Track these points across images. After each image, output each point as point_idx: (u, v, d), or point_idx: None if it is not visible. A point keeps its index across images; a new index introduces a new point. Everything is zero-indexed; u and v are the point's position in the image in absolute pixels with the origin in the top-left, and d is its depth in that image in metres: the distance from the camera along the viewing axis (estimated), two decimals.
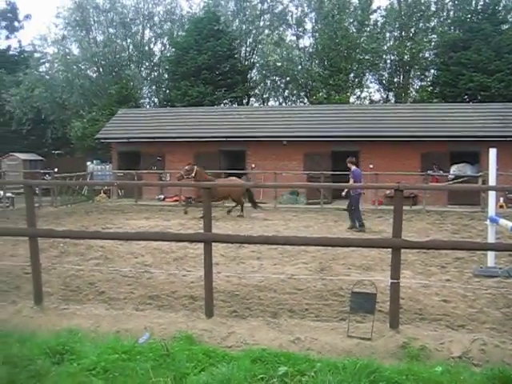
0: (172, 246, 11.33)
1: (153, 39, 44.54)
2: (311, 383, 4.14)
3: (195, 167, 18.02)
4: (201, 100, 35.22)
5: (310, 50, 41.78)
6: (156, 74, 44.37)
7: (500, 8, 37.30)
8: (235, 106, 38.37)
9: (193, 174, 17.65)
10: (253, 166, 25.84)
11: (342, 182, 17.99)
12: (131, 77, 39.49)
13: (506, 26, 36.50)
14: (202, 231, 6.30)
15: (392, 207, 5.76)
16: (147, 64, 44.41)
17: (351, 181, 15.18)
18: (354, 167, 15.43)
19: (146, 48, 43.72)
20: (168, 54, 42.33)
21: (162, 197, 25.84)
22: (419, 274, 8.91)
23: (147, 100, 45.65)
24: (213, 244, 6.33)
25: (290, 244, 8.39)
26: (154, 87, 44.54)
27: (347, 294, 7.08)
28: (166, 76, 42.22)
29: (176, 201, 24.04)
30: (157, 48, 44.71)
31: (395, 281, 5.41)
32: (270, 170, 23.99)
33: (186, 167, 18.13)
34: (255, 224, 16.29)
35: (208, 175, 18.75)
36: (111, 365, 4.53)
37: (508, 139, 22.21)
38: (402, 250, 9.28)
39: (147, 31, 44.00)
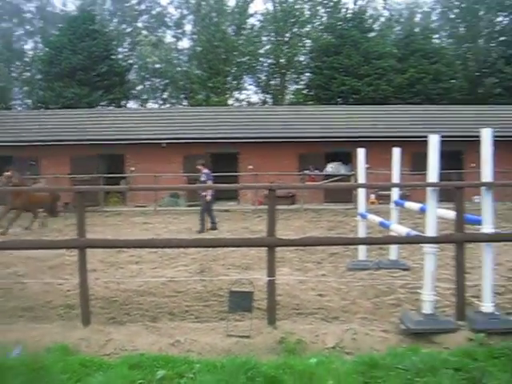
0: (47, 254, 10.83)
1: (24, 37, 42.38)
2: None
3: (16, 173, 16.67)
4: (77, 102, 34.01)
5: (189, 52, 41.81)
6: (29, 74, 42.22)
7: (366, 17, 39.57)
8: (113, 108, 37.49)
9: (16, 180, 15.91)
10: (132, 169, 25.36)
11: (223, 183, 18.20)
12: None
13: (373, 34, 38.74)
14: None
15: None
16: (18, 63, 42.14)
17: (209, 182, 15.42)
18: (206, 170, 15.64)
19: (17, 46, 41.47)
20: (41, 54, 40.42)
21: None
22: (297, 271, 9.20)
23: (19, 102, 43.35)
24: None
25: (170, 247, 8.37)
26: (26, 88, 42.35)
27: (227, 294, 7.15)
28: (40, 76, 40.32)
29: None
30: (29, 46, 42.61)
31: (271, 278, 5.55)
32: (149, 172, 23.64)
33: (7, 173, 16.39)
34: (135, 228, 16.04)
35: (24, 180, 17.40)
36: None
37: (377, 139, 23.58)
38: (280, 248, 9.59)
39: (17, 28, 41.77)
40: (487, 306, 5.72)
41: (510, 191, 23.18)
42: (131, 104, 43.12)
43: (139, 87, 43.33)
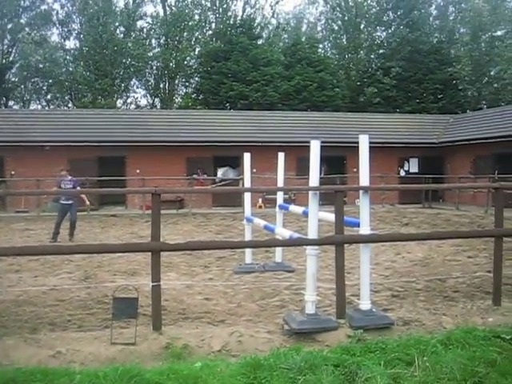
0: None
1: None
2: None
3: None
4: None
5: (76, 52, 40.38)
6: None
7: (255, 24, 40.34)
8: None
9: None
10: (12, 172, 24.06)
11: (110, 187, 17.85)
12: None
13: (261, 41, 39.55)
14: None
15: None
16: None
17: (78, 188, 15.00)
18: (69, 176, 15.20)
19: None
20: None
21: None
22: (184, 275, 9.16)
23: None
24: None
25: (50, 254, 8.03)
26: None
27: (111, 301, 7.00)
28: None
29: None
30: None
31: (156, 283, 5.49)
32: (31, 176, 22.50)
33: None
34: (15, 235, 15.25)
35: None
36: None
37: (264, 144, 24.10)
38: (168, 253, 9.50)
39: None
40: (365, 303, 6.01)
41: (388, 194, 24.53)
42: (12, 104, 40.87)
43: (21, 87, 41.14)
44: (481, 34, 38.87)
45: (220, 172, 25.74)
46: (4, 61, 39.09)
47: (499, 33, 39.52)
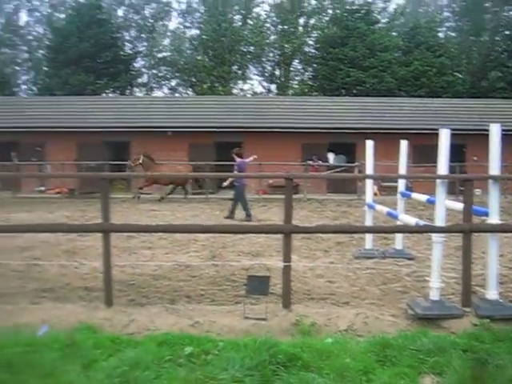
0: (59, 239, 11.05)
1: (31, 22, 42.37)
2: (216, 360, 4.42)
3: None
4: (82, 89, 34.15)
5: (196, 40, 41.78)
6: (34, 60, 42.28)
7: (373, 9, 39.66)
8: (118, 95, 37.64)
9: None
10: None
11: (226, 172, 18.51)
12: (3, 62, 37.38)
13: (379, 26, 38.79)
14: (99, 221, 6.35)
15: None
16: (26, 48, 42.17)
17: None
18: (238, 159, 15.74)
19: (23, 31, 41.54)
20: (47, 40, 40.46)
21: (43, 188, 24.89)
22: (305, 258, 9.46)
23: (24, 87, 43.40)
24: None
25: (187, 232, 8.64)
26: (32, 74, 42.41)
27: (239, 279, 7.48)
28: (46, 63, 40.37)
29: (58, 192, 23.41)
30: (35, 32, 42.57)
31: (287, 264, 5.82)
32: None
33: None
34: (142, 214, 16.25)
35: None
36: (16, 358, 4.43)
37: (380, 132, 23.85)
38: None
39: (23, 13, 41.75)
40: (492, 293, 6.00)
41: (510, 184, 23.40)
42: (136, 92, 43.17)
43: (145, 75, 43.36)
44: None
45: (332, 158, 25.83)
46: (131, 51, 41.30)
47: None
